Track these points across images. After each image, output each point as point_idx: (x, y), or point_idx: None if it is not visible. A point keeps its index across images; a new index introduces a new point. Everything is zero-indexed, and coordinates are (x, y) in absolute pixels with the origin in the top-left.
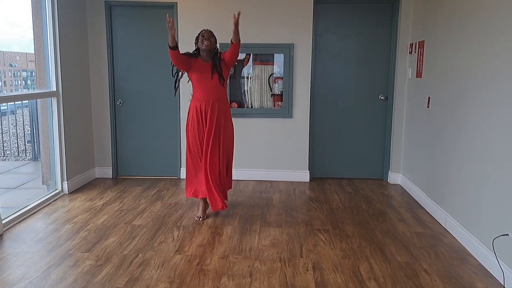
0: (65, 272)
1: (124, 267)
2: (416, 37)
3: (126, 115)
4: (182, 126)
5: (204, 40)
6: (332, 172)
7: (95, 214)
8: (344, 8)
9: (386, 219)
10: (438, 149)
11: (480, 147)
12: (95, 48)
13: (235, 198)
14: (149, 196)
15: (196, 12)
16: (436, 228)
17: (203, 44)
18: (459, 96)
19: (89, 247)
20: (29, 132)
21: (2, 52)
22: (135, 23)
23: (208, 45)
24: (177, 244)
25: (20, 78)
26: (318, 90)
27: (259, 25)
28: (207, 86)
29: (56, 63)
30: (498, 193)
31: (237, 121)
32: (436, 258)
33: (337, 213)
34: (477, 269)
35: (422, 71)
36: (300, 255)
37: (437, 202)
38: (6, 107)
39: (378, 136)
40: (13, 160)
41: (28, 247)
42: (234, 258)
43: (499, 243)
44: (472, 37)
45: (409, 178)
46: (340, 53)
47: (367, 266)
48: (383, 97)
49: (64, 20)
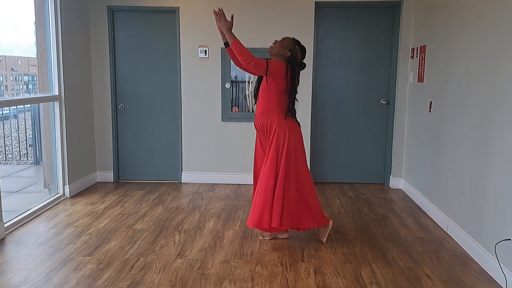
0: (66, 275)
1: (126, 271)
2: (417, 41)
3: (127, 119)
4: (183, 131)
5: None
6: (334, 176)
7: (97, 218)
8: (345, 12)
9: (388, 224)
10: (440, 153)
11: (482, 152)
12: (97, 52)
13: (237, 202)
14: (150, 200)
15: (198, 16)
16: (438, 233)
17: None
18: (461, 101)
19: (90, 251)
20: (31, 136)
21: (4, 57)
22: (137, 28)
23: (270, 48)
24: (179, 248)
25: (22, 82)
26: (319, 94)
27: (260, 30)
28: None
29: (58, 67)
30: (500, 198)
31: (238, 125)
32: (438, 263)
33: (338, 217)
34: (479, 274)
35: (423, 75)
36: (302, 260)
37: (439, 207)
38: (9, 111)
39: (380, 141)
40: (15, 164)
41: (30, 250)
42: (236, 263)
43: (501, 248)
44: (473, 41)
45: (411, 183)
46: (341, 58)
47: (368, 271)
48: (385, 101)
49: (67, 25)
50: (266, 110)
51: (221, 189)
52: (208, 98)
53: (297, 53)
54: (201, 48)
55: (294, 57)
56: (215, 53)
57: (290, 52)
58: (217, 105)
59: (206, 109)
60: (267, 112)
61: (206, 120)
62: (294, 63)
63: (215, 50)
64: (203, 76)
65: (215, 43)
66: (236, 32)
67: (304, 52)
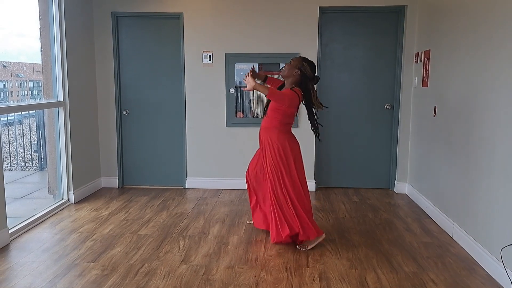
0: (71, 282)
1: (130, 277)
2: (421, 46)
3: (132, 125)
4: (188, 136)
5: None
6: (338, 181)
7: (101, 224)
8: (350, 17)
9: (393, 229)
10: (445, 158)
11: (487, 156)
12: (102, 58)
13: (241, 208)
14: (154, 205)
15: (202, 22)
16: (443, 238)
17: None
18: (465, 105)
19: (95, 257)
20: (35, 142)
21: (9, 63)
22: (141, 34)
23: (282, 72)
24: (183, 254)
25: (27, 88)
26: (323, 99)
27: (264, 35)
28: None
29: (63, 73)
30: (505, 203)
31: (243, 130)
32: (443, 268)
33: (343, 222)
34: (485, 279)
35: (428, 80)
36: (307, 265)
37: (444, 212)
38: (13, 117)
39: (384, 146)
40: (19, 170)
41: (34, 256)
42: (240, 268)
43: (507, 252)
44: (477, 45)
45: (416, 188)
46: (345, 62)
47: (374, 276)
48: (389, 106)
49: (71, 31)
50: (269, 126)
51: (226, 195)
52: (213, 104)
53: (306, 70)
54: (205, 53)
55: (304, 74)
56: (219, 59)
57: (300, 70)
58: (222, 111)
59: (210, 114)
60: (269, 128)
61: (210, 126)
62: (306, 80)
63: (219, 55)
64: (208, 82)
65: (219, 48)
66: (241, 38)
67: (313, 67)
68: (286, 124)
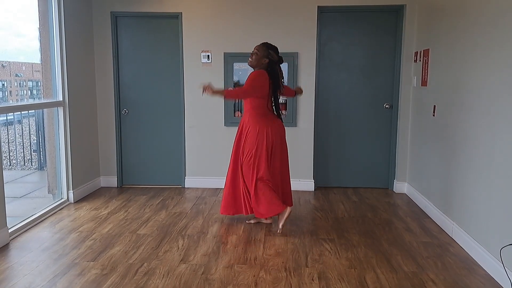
0: (71, 281)
1: (130, 276)
2: (420, 45)
3: (131, 124)
4: (187, 135)
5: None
6: (337, 181)
7: (101, 223)
8: (348, 16)
9: (392, 229)
10: (444, 157)
11: (486, 156)
12: (101, 58)
13: None
14: (154, 205)
15: (201, 22)
16: (443, 237)
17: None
18: (465, 105)
19: (94, 256)
20: (35, 141)
21: (8, 62)
22: (140, 34)
23: (249, 62)
24: (182, 253)
25: (26, 88)
26: (322, 98)
27: (263, 34)
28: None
29: (62, 73)
30: (505, 202)
31: None
32: (443, 268)
33: (342, 222)
34: (484, 279)
35: (427, 79)
36: (306, 265)
37: (443, 212)
38: (13, 116)
39: (383, 145)
40: (19, 170)
41: (34, 256)
42: (239, 268)
43: (507, 252)
44: (477, 44)
45: (415, 187)
46: (344, 62)
47: (373, 276)
48: (388, 105)
49: (71, 31)
50: (245, 110)
51: None
52: (211, 103)
53: (273, 56)
54: (204, 53)
55: (271, 60)
56: (217, 58)
57: (268, 59)
58: (220, 110)
59: (209, 113)
60: (245, 112)
61: (209, 125)
62: (273, 64)
63: (218, 55)
64: (206, 81)
65: (218, 48)
66: (240, 37)
67: (277, 51)
68: (258, 108)
